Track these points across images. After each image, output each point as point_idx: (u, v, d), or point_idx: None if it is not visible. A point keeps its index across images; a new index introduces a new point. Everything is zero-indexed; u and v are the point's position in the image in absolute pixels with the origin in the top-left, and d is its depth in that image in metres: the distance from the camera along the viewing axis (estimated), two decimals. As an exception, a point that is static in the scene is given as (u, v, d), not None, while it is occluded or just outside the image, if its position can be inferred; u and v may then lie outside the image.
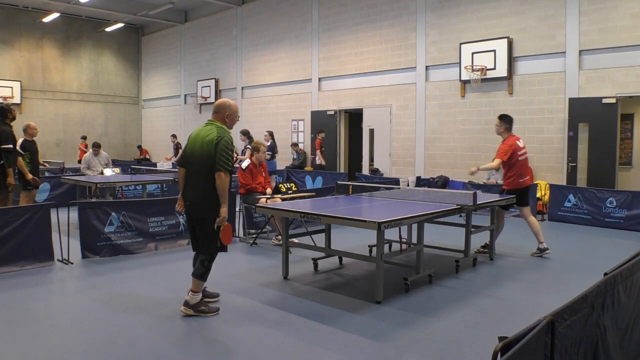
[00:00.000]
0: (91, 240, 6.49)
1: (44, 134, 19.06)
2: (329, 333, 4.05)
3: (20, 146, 8.26)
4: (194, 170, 4.36)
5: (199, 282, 4.38)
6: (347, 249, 6.05)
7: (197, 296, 4.39)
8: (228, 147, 4.23)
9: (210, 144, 4.23)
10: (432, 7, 12.61)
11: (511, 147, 6.61)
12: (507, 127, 6.78)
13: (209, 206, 4.26)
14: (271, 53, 16.87)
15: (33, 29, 20.06)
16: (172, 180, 9.60)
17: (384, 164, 13.84)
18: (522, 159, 6.77)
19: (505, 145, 6.66)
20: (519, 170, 6.70)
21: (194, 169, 4.37)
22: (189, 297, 4.38)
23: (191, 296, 4.37)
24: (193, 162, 4.36)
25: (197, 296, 4.39)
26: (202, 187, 4.28)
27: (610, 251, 7.22)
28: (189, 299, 4.37)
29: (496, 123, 6.88)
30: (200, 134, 4.37)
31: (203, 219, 4.32)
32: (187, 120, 20.66)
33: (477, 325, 4.28)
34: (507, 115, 6.91)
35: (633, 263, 3.10)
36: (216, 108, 4.47)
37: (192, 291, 4.37)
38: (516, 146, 6.67)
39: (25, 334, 4.01)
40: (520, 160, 6.72)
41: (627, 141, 11.80)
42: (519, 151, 6.69)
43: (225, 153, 4.19)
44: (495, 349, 1.82)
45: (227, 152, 4.20)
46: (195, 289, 4.38)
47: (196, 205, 4.34)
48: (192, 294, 4.37)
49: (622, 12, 9.77)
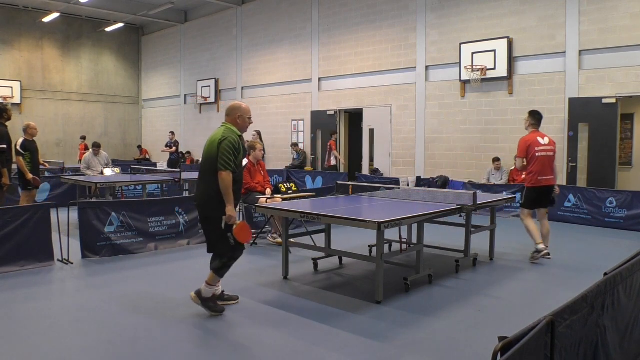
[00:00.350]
0: (91, 240, 6.49)
1: (44, 134, 19.05)
2: (329, 333, 4.05)
3: (20, 146, 8.26)
4: (201, 170, 4.46)
5: (214, 276, 4.34)
6: (347, 249, 6.05)
7: (209, 289, 4.35)
8: (230, 147, 4.23)
9: (213, 144, 4.29)
10: (432, 7, 12.60)
11: (526, 143, 6.45)
12: (533, 123, 6.59)
13: (213, 206, 4.27)
14: (271, 53, 16.88)
15: (33, 29, 20.06)
16: (172, 180, 9.60)
17: (384, 164, 13.84)
18: (541, 156, 6.44)
19: (520, 141, 6.54)
20: (537, 168, 6.43)
21: (201, 169, 4.47)
22: (202, 287, 4.36)
23: (204, 288, 4.35)
24: (202, 164, 4.46)
25: (209, 289, 4.35)
26: (206, 186, 4.33)
27: (610, 251, 7.22)
28: (202, 289, 4.36)
29: (525, 118, 6.76)
30: (211, 136, 4.44)
31: (208, 218, 4.36)
32: (187, 120, 20.66)
33: (477, 325, 4.28)
34: (536, 112, 6.70)
35: (633, 263, 3.10)
36: (227, 111, 4.53)
37: (207, 283, 4.35)
38: (533, 142, 6.46)
39: (25, 333, 4.00)
40: (539, 157, 6.42)
41: (627, 141, 11.80)
42: (536, 147, 6.43)
43: (227, 152, 4.21)
44: (495, 349, 1.82)
45: (227, 152, 4.21)
46: (209, 281, 4.34)
47: (202, 204, 4.39)
48: (206, 285, 4.35)
49: (622, 12, 9.77)
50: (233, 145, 4.26)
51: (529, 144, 6.45)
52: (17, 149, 8.22)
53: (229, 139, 4.27)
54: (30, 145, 8.42)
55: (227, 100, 18.66)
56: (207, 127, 19.33)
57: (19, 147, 8.23)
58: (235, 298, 4.79)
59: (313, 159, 15.55)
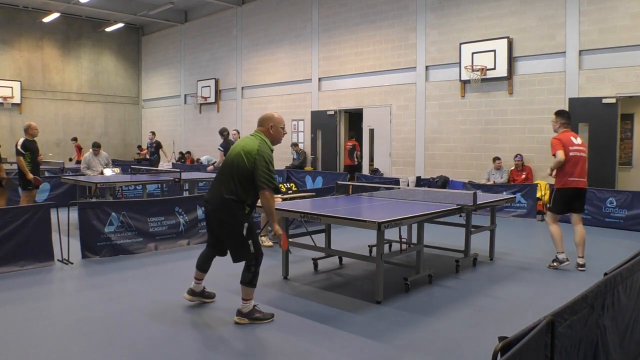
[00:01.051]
0: (91, 240, 6.49)
1: (44, 134, 19.04)
2: (329, 333, 4.05)
3: (21, 146, 8.26)
4: (223, 173, 4.24)
5: (248, 289, 4.20)
6: (347, 249, 6.04)
7: (249, 304, 4.22)
8: (269, 163, 4.08)
9: (245, 154, 4.09)
10: (432, 7, 12.60)
11: (560, 141, 6.04)
12: (564, 122, 6.21)
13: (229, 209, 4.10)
14: (271, 53, 16.88)
15: (33, 29, 20.07)
16: (172, 180, 9.60)
17: (384, 164, 13.84)
18: (574, 156, 6.04)
19: (553, 140, 6.13)
20: (570, 168, 6.02)
21: (222, 172, 4.26)
22: (241, 306, 4.23)
23: (242, 305, 4.22)
24: (224, 167, 4.26)
25: (249, 304, 4.22)
26: (224, 190, 4.12)
27: (610, 251, 7.22)
28: (241, 307, 4.22)
29: (552, 120, 6.37)
30: (242, 142, 4.26)
31: (223, 221, 4.18)
32: (187, 120, 20.67)
33: (477, 325, 4.28)
34: (564, 111, 6.41)
35: (633, 263, 3.10)
36: (260, 120, 4.34)
37: (243, 299, 4.22)
38: (567, 141, 6.07)
39: (25, 333, 4.00)
40: (572, 157, 6.02)
41: (627, 141, 11.80)
42: (570, 146, 6.04)
43: (267, 169, 4.04)
44: (495, 349, 1.82)
45: (268, 169, 4.05)
46: (245, 296, 4.21)
47: (216, 207, 4.19)
48: (243, 302, 4.22)
49: (622, 12, 9.77)
50: (271, 162, 4.11)
51: (563, 142, 6.03)
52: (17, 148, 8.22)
53: (266, 155, 4.09)
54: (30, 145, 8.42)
55: (227, 100, 18.68)
56: (207, 127, 19.33)
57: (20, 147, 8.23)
58: (213, 296, 4.75)
59: (313, 159, 15.55)
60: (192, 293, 4.63)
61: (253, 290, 4.23)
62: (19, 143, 8.21)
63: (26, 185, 8.27)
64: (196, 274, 4.60)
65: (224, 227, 4.21)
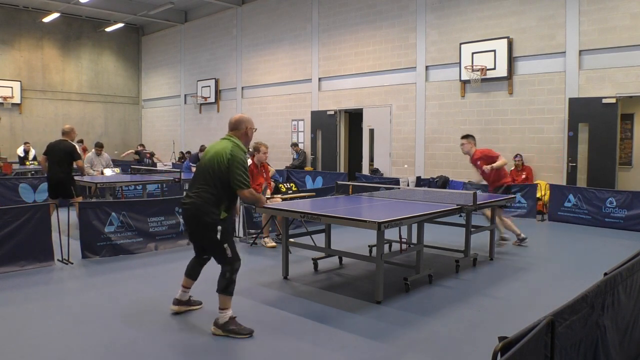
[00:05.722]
0: (91, 240, 6.49)
1: (44, 134, 19.09)
2: (329, 333, 4.05)
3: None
4: (198, 178, 4.20)
5: (224, 297, 4.03)
6: (347, 249, 6.05)
7: (225, 314, 4.01)
8: (243, 166, 4.07)
9: (222, 160, 4.06)
10: (432, 7, 12.60)
11: (491, 150, 7.26)
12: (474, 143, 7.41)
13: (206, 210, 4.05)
14: (271, 53, 16.88)
15: (33, 29, 20.07)
16: (172, 180, 9.60)
17: (384, 164, 13.84)
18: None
19: (490, 149, 7.31)
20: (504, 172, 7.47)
21: (198, 176, 4.21)
22: (218, 316, 4.05)
23: (219, 314, 4.03)
24: (199, 170, 4.23)
25: (225, 314, 4.01)
26: (201, 192, 4.09)
27: (610, 251, 7.22)
28: (218, 317, 4.04)
29: (465, 142, 7.50)
30: (215, 146, 4.23)
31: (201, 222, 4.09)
32: (187, 120, 20.67)
33: (477, 325, 4.28)
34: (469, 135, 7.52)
35: (633, 263, 3.10)
36: (235, 124, 4.27)
37: (219, 309, 4.04)
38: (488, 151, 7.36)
39: (25, 334, 4.00)
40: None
41: (627, 141, 11.79)
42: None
43: (241, 172, 4.04)
44: (495, 349, 1.82)
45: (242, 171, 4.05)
46: (221, 305, 4.03)
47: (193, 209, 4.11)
48: (220, 311, 4.03)
49: (622, 12, 9.77)
50: (244, 165, 4.10)
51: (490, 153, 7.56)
52: (78, 153, 8.07)
53: (239, 158, 4.07)
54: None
55: (227, 100, 18.67)
56: (207, 127, 19.34)
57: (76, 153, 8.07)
58: (199, 303, 4.61)
59: (313, 159, 15.55)
60: (178, 303, 4.49)
61: (229, 299, 4.05)
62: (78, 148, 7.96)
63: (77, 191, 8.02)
64: (184, 281, 4.48)
65: (198, 231, 4.15)
